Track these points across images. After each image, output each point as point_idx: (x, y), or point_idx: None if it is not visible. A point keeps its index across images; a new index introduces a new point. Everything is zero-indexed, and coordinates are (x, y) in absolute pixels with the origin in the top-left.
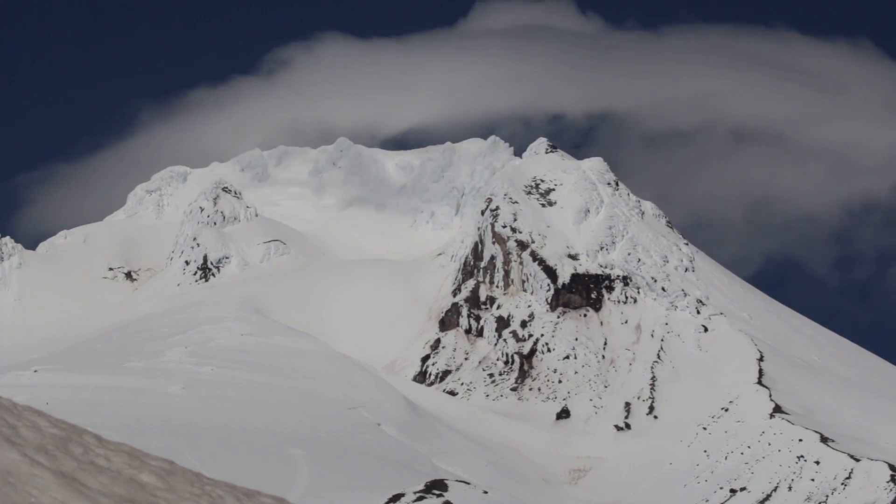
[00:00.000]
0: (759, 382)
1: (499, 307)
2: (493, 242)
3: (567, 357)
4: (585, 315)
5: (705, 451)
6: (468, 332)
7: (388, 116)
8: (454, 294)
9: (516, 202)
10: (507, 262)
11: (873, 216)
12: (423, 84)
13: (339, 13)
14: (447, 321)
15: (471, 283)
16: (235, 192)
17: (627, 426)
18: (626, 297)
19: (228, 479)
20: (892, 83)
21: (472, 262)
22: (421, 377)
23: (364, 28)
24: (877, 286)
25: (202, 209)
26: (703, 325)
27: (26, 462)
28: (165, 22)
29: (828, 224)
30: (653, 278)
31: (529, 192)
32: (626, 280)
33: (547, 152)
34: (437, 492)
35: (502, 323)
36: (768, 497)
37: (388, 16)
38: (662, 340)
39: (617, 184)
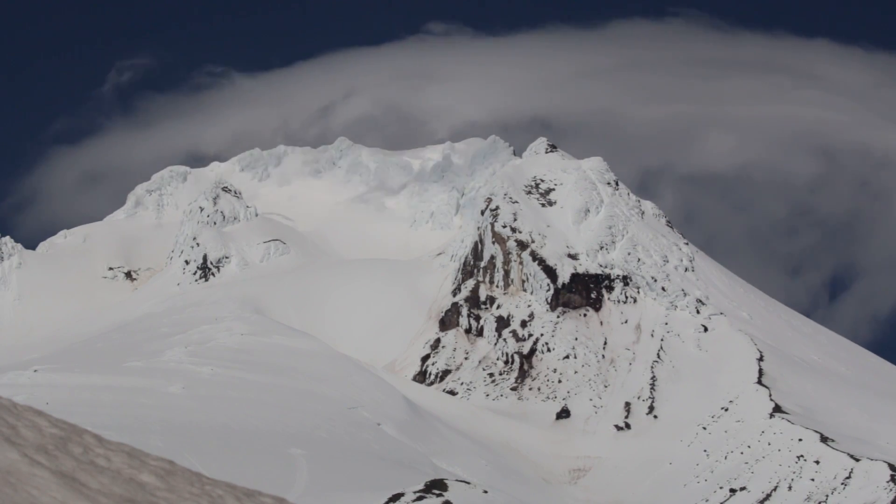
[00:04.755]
0: (759, 382)
1: (499, 307)
2: (493, 242)
3: (567, 357)
4: (585, 315)
5: (705, 451)
6: (468, 331)
7: None
8: (454, 294)
9: (516, 202)
10: (507, 261)
11: None
12: None
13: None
14: (447, 321)
15: (471, 283)
16: (235, 192)
17: (627, 426)
18: (626, 297)
19: (228, 479)
20: None
21: (472, 262)
22: (421, 377)
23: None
24: None
25: (202, 209)
26: (703, 325)
27: (26, 462)
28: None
29: None
30: (653, 278)
31: (529, 192)
32: (625, 280)
33: (547, 152)
34: (437, 492)
35: (502, 323)
36: (768, 497)
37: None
38: (662, 340)
39: (617, 183)
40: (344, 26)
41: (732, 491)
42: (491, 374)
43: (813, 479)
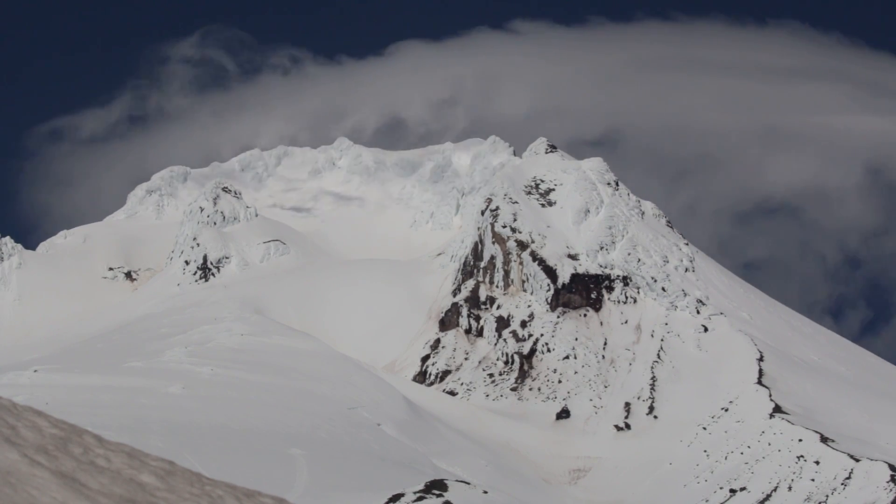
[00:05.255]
0: (759, 382)
1: (499, 307)
2: (493, 242)
3: (567, 357)
4: (585, 315)
5: (705, 451)
6: (468, 332)
7: None
8: (454, 294)
9: (516, 202)
10: (507, 262)
11: None
12: None
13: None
14: (447, 321)
15: (471, 283)
16: (235, 192)
17: (627, 426)
18: (626, 297)
19: (228, 479)
20: None
21: (471, 262)
22: (421, 377)
23: None
24: None
25: (202, 209)
26: (703, 325)
27: (26, 462)
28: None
29: None
30: (653, 278)
31: (529, 192)
32: (626, 280)
33: (547, 152)
34: (437, 492)
35: (502, 323)
36: (768, 497)
37: None
38: (662, 340)
39: (617, 184)
40: (419, 21)
41: (732, 491)
42: (491, 375)
43: (813, 480)
